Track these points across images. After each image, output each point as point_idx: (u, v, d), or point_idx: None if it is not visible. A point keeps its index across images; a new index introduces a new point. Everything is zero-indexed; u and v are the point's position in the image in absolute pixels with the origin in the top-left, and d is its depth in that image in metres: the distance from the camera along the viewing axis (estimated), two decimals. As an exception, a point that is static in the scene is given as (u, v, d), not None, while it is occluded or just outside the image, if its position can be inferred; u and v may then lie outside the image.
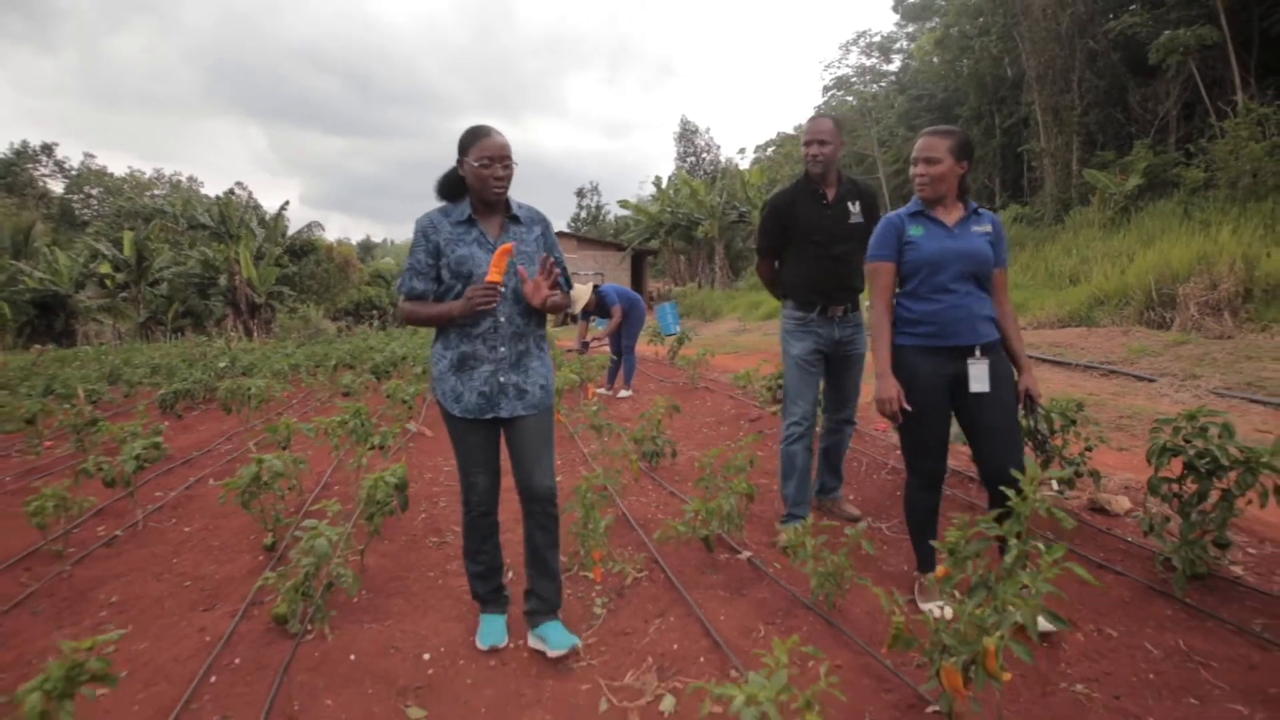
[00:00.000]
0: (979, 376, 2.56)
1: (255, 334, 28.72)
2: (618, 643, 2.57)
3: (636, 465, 4.15)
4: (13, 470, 5.58)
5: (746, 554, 3.09)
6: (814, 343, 3.34)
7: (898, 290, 2.72)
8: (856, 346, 3.44)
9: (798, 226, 3.31)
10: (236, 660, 2.50)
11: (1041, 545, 1.60)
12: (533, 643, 2.55)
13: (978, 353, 2.58)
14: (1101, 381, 7.72)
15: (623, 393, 7.83)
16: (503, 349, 2.37)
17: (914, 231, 2.64)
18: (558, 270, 2.38)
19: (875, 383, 2.64)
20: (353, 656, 2.52)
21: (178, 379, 8.41)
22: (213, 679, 2.39)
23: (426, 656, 2.55)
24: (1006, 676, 1.59)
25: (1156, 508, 3.04)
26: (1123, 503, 3.78)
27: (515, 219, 2.45)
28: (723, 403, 6.93)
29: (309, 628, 2.67)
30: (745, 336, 16.37)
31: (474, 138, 2.31)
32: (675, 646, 2.48)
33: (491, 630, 2.58)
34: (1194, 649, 2.37)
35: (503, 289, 2.30)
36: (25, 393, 8.79)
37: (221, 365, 9.64)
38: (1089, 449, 3.65)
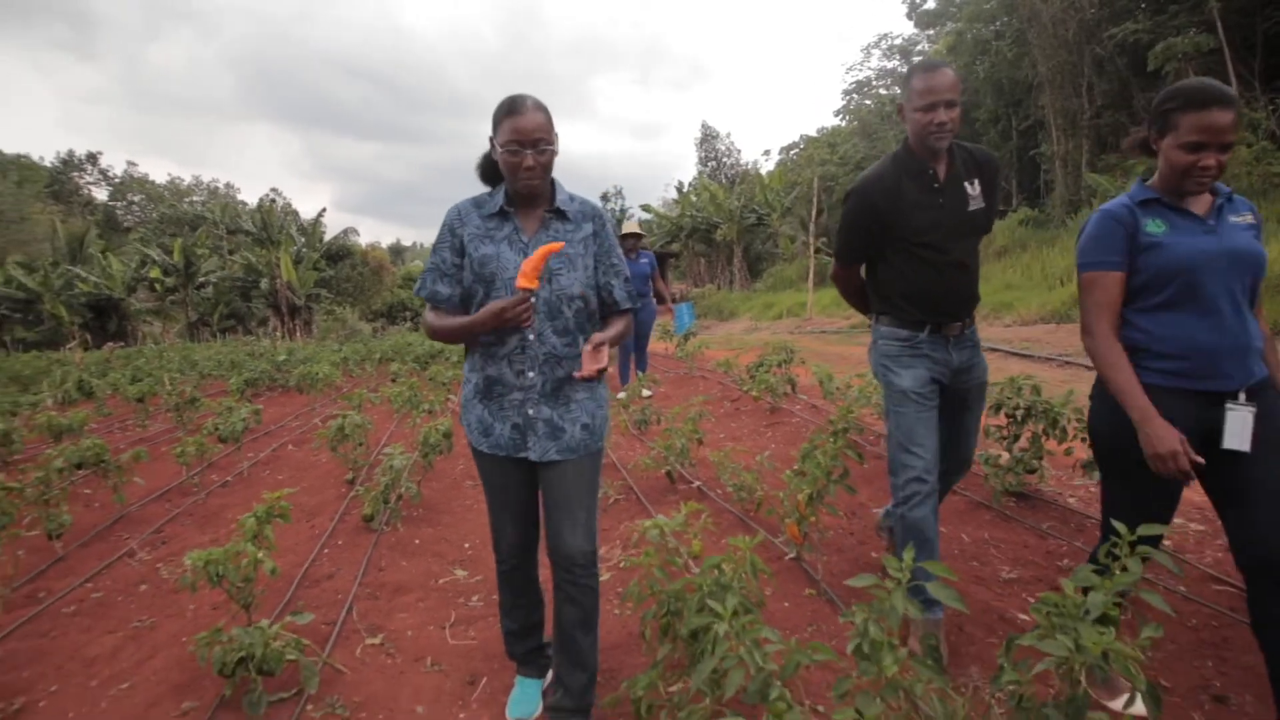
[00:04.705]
0: (1238, 429, 1.88)
1: (296, 335, 30.40)
2: (599, 536, 3.68)
3: (625, 424, 5.29)
4: (126, 440, 6.87)
5: (697, 483, 4.20)
6: (928, 369, 2.47)
7: (1125, 307, 2.02)
8: (977, 374, 2.59)
9: (901, 223, 2.41)
10: (339, 542, 3.70)
11: (829, 437, 2.68)
12: None
13: (1242, 397, 1.89)
14: (1057, 370, 8.67)
15: (622, 395, 8.46)
16: (531, 374, 1.93)
17: (1153, 227, 1.95)
18: (602, 364, 1.83)
19: (1141, 431, 1.86)
20: (417, 541, 3.70)
21: (246, 370, 9.73)
22: (325, 552, 3.59)
23: (467, 545, 3.71)
24: (812, 519, 2.67)
25: (992, 448, 4.08)
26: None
27: (561, 214, 1.98)
28: (712, 387, 8.04)
29: (386, 527, 3.84)
30: (755, 335, 17.44)
31: (502, 114, 1.84)
32: (636, 536, 3.60)
33: (524, 698, 2.26)
34: (993, 538, 3.44)
35: (534, 300, 1.86)
36: (111, 383, 10.19)
37: (281, 358, 10.98)
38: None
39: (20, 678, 2.60)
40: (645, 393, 7.53)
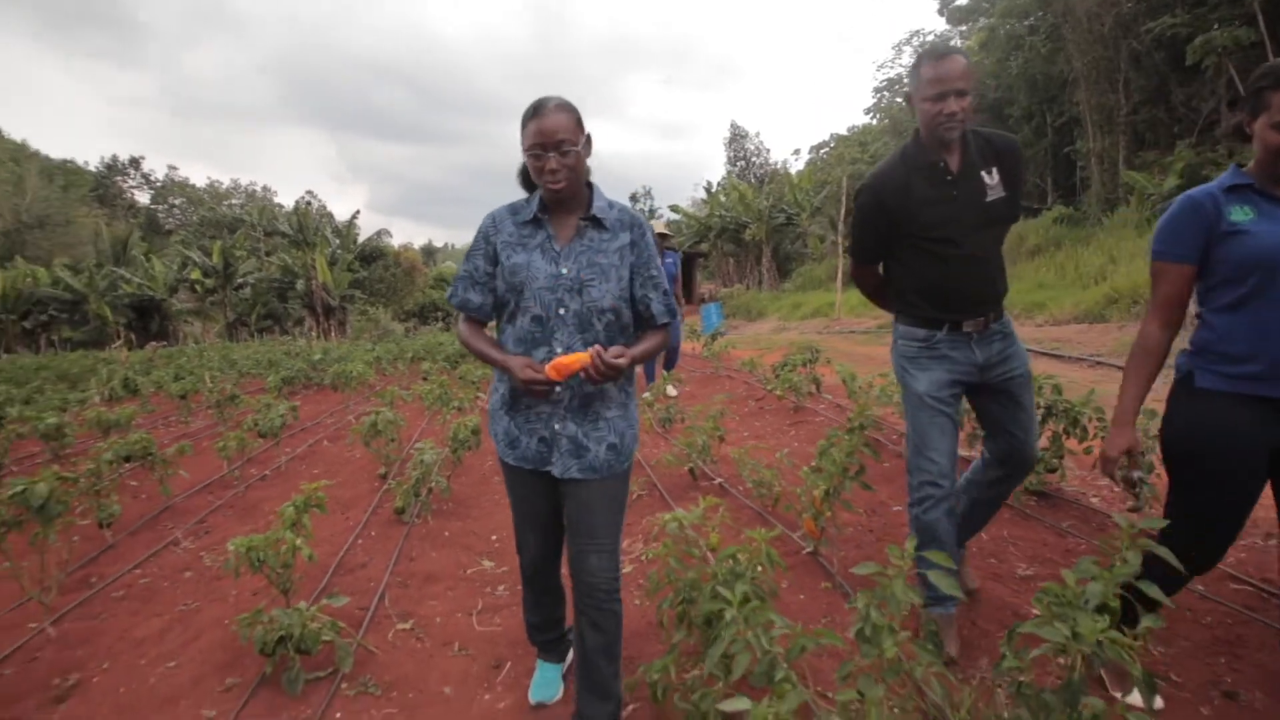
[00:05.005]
0: None
1: (331, 334, 31.00)
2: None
3: (650, 422, 5.38)
4: (169, 435, 7.13)
5: (719, 480, 4.28)
6: (947, 371, 2.39)
7: (1200, 306, 1.91)
8: (1015, 365, 2.43)
9: (911, 220, 2.34)
10: (372, 533, 3.85)
11: (845, 434, 2.74)
12: None
13: None
14: (1087, 371, 8.58)
15: (647, 395, 8.01)
16: (558, 389, 1.88)
17: (1238, 215, 1.79)
18: (615, 363, 1.75)
19: (1109, 432, 1.94)
20: (447, 534, 3.82)
21: (283, 368, 10.00)
22: (359, 542, 3.73)
23: (494, 537, 3.83)
24: (828, 514, 2.74)
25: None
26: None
27: (597, 222, 1.91)
28: (737, 386, 8.10)
29: (416, 519, 3.98)
30: (782, 335, 17.43)
31: (527, 117, 1.81)
32: (656, 529, 3.69)
33: (545, 682, 2.33)
34: (1012, 536, 3.46)
35: (557, 390, 1.87)
36: (154, 381, 10.54)
37: (317, 358, 11.27)
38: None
39: (75, 656, 2.76)
40: (671, 391, 7.40)
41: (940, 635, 2.42)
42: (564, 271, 1.87)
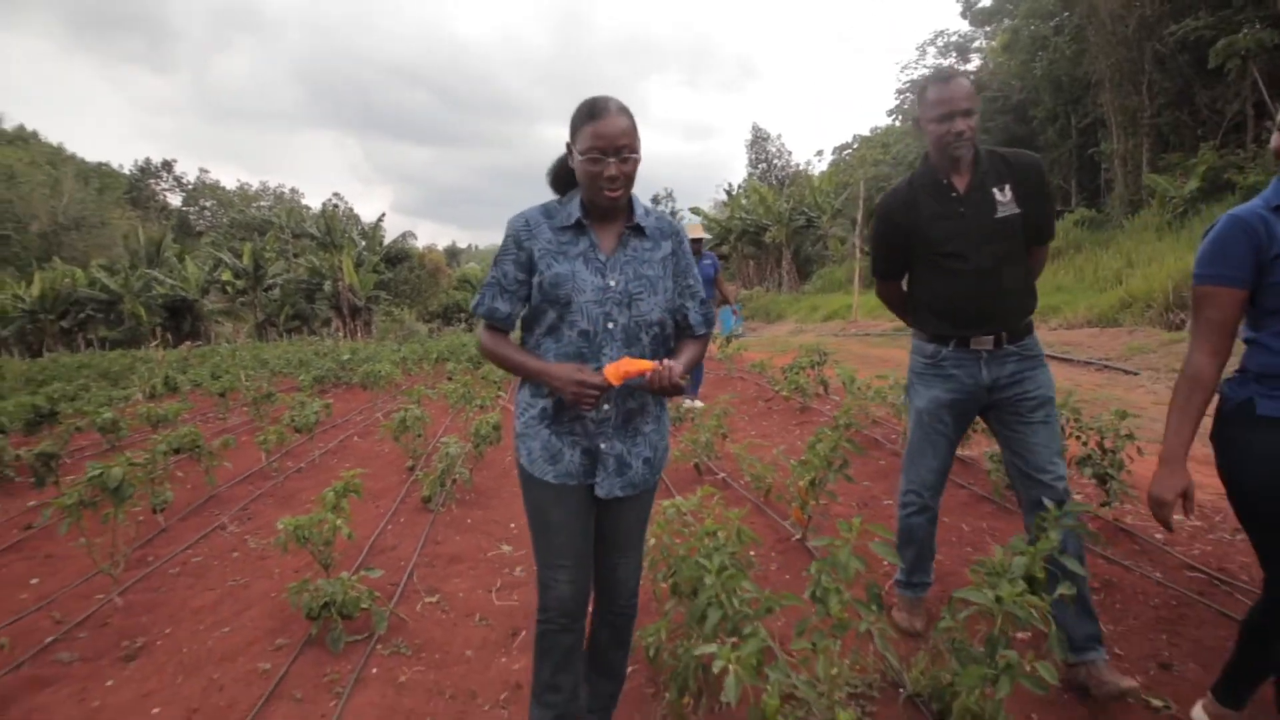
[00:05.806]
0: None
1: (357, 335, 31.68)
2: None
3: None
4: (209, 431, 7.55)
5: (722, 474, 4.57)
6: (947, 391, 2.45)
7: (1255, 331, 1.77)
8: (1029, 388, 2.38)
9: (921, 236, 2.44)
10: (401, 520, 4.19)
11: (829, 430, 3.02)
12: None
13: None
14: (1094, 375, 8.75)
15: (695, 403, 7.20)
16: (606, 406, 1.80)
17: None
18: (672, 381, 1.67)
19: (1157, 471, 1.81)
20: (469, 521, 4.16)
21: (313, 368, 10.45)
22: (389, 527, 4.08)
23: (512, 525, 4.15)
24: (814, 504, 3.02)
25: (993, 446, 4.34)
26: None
27: (639, 230, 1.82)
28: (749, 388, 8.39)
29: (441, 507, 4.32)
30: (799, 337, 17.64)
31: (582, 118, 1.70)
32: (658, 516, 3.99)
33: None
34: (991, 528, 3.72)
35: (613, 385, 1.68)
36: (192, 379, 11.06)
37: (345, 358, 11.72)
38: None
39: (139, 622, 3.12)
40: (698, 404, 7.00)
41: (908, 612, 2.74)
42: (612, 284, 1.77)
